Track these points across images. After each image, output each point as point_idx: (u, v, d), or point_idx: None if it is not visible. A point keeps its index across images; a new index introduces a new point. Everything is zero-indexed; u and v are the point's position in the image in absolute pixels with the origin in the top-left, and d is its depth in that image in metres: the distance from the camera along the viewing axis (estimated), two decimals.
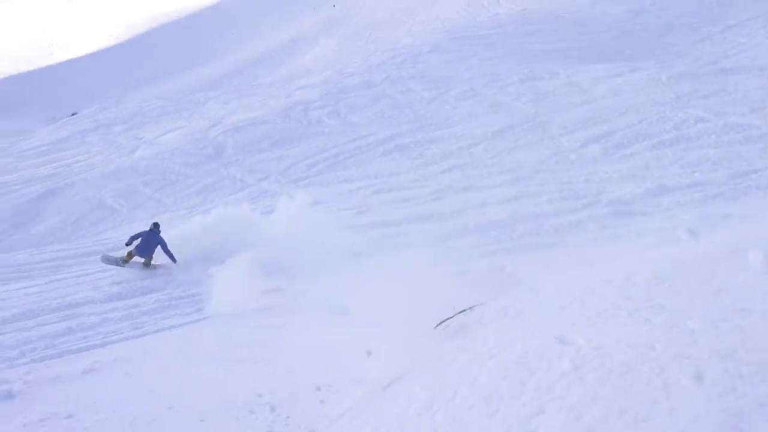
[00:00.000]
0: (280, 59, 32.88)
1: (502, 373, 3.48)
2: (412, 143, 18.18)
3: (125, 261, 11.57)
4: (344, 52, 29.42)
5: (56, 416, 6.89)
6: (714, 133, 16.08)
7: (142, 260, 11.63)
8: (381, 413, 3.91)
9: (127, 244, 11.63)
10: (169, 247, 11.54)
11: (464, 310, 5.65)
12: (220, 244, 11.96)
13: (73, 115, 26.64)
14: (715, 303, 3.77)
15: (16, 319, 9.93)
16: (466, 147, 17.54)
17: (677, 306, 3.82)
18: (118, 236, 13.86)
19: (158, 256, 11.72)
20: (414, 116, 19.88)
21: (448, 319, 5.75)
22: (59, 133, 23.06)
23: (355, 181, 16.41)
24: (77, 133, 22.44)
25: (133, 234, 11.82)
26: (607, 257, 10.30)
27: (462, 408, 3.35)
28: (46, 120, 27.42)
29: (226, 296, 10.15)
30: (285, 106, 21.25)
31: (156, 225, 11.77)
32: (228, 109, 22.29)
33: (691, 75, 20.29)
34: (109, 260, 11.71)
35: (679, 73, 20.50)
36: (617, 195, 13.71)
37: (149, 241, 11.51)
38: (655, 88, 19.50)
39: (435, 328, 5.77)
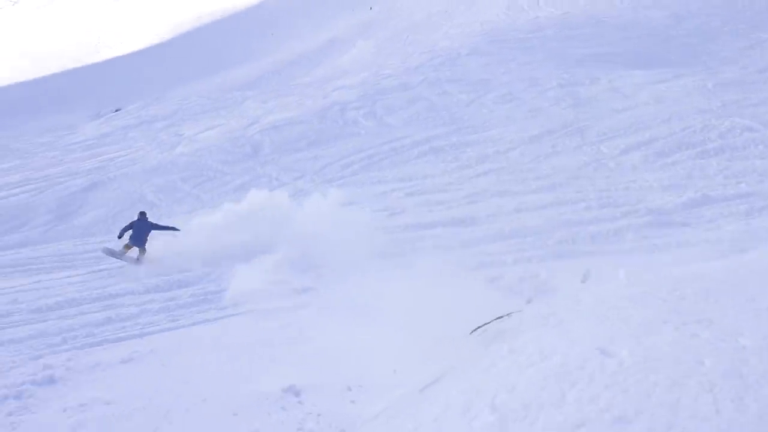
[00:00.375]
0: (318, 60, 33.19)
1: (542, 382, 3.41)
2: (448, 146, 18.08)
3: (124, 252, 12.07)
4: (381, 53, 29.50)
5: (95, 402, 7.10)
6: (762, 143, 15.53)
7: (138, 250, 12.09)
8: (418, 416, 3.89)
9: (119, 237, 12.13)
10: (162, 223, 12.13)
11: (501, 317, 5.58)
12: (253, 237, 12.16)
13: (116, 111, 27.47)
14: (767, 319, 3.63)
15: (59, 306, 10.28)
16: (502, 151, 17.36)
17: (727, 321, 3.69)
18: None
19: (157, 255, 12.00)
20: (450, 119, 19.78)
21: (485, 324, 5.69)
22: (103, 128, 23.79)
23: (389, 182, 16.41)
24: (120, 129, 23.11)
25: (123, 226, 12.32)
26: (646, 268, 10.05)
27: (500, 415, 3.29)
28: (91, 115, 28.30)
29: (248, 294, 10.30)
30: (322, 106, 21.42)
31: (143, 213, 12.33)
32: (266, 109, 22.59)
33: (739, 82, 19.63)
34: (113, 253, 12.17)
35: (725, 81, 19.86)
36: (657, 204, 13.35)
37: (140, 229, 12.02)
38: (699, 96, 18.95)
39: (471, 333, 5.71)
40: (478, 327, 5.75)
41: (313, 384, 7.09)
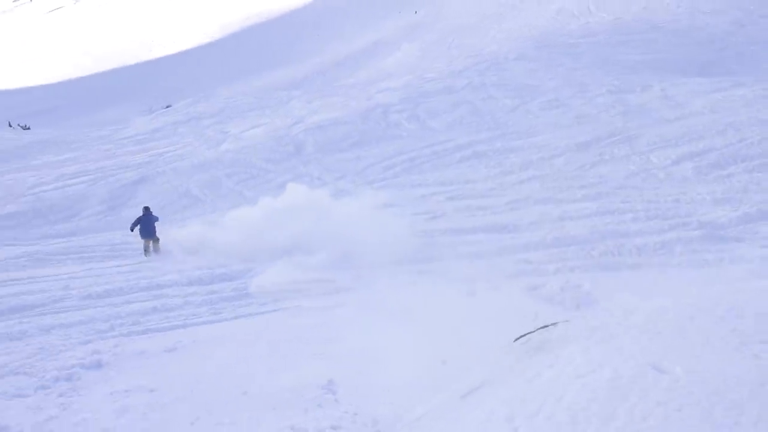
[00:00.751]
0: (363, 62, 33.37)
1: (591, 395, 3.31)
2: (491, 151, 17.88)
3: (147, 247, 13.08)
4: (426, 57, 29.43)
5: (140, 389, 7.30)
6: None
7: (151, 242, 13.06)
8: (460, 422, 3.84)
9: (131, 230, 13.16)
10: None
11: (547, 326, 5.46)
12: (293, 234, 12.33)
13: (167, 107, 28.33)
14: None
15: (108, 294, 10.64)
16: (546, 158, 17.05)
17: None
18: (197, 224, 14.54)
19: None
20: (494, 124, 19.57)
21: (529, 333, 5.58)
22: (154, 123, 24.57)
23: (430, 185, 16.35)
24: (170, 125, 23.81)
25: (132, 222, 13.28)
26: (696, 283, 9.68)
27: (546, 425, 3.21)
28: (143, 111, 29.29)
29: (277, 291, 10.45)
30: (365, 108, 21.52)
31: (147, 208, 13.40)
32: (310, 109, 22.86)
33: None
34: (145, 251, 13.08)
35: None
36: (710, 218, 12.86)
37: (148, 222, 13.03)
38: (759, 106, 18.17)
39: (515, 341, 5.60)
40: (522, 335, 5.64)
41: (350, 383, 7.10)
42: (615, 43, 24.46)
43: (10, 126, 27.87)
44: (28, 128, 27.65)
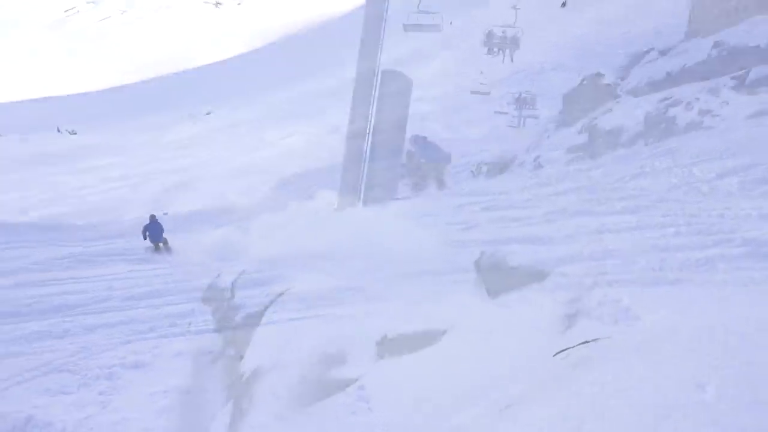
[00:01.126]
0: (399, 71, 33.51)
1: (634, 413, 3.22)
2: (527, 162, 17.71)
3: (160, 250, 13.79)
4: (463, 66, 29.40)
5: (177, 389, 7.48)
6: None
7: (161, 245, 13.86)
8: None
9: (144, 238, 13.83)
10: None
11: (588, 341, 5.34)
12: (325, 241, 12.45)
13: (207, 114, 29.05)
14: None
15: (147, 296, 10.93)
16: (584, 170, 16.76)
17: None
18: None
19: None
20: (531, 134, 19.39)
21: (568, 348, 5.47)
22: (194, 129, 25.23)
23: (465, 195, 16.27)
24: (210, 131, 24.42)
25: (142, 230, 13.97)
26: (741, 302, 9.34)
27: None
28: (184, 117, 30.06)
29: (315, 298, 10.56)
30: (401, 116, 21.59)
31: (153, 216, 14.15)
32: (345, 117, 23.07)
33: None
34: (156, 251, 13.82)
35: None
36: (755, 235, 12.38)
37: (155, 229, 13.89)
38: None
39: (555, 355, 5.50)
40: (562, 350, 5.53)
41: (382, 391, 7.10)
42: (656, 53, 23.94)
43: (58, 131, 29.02)
44: (75, 133, 28.73)
